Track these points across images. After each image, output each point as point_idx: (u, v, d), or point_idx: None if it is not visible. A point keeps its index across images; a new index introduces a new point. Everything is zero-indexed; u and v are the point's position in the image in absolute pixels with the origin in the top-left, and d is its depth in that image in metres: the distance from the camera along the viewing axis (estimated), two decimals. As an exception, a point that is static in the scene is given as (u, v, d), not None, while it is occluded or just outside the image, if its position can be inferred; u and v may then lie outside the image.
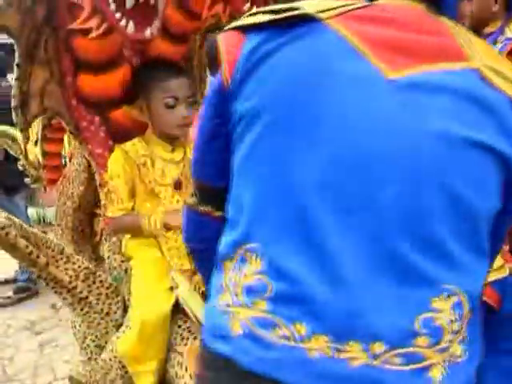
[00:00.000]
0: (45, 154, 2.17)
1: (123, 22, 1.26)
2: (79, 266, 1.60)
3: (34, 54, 1.49)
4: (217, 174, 0.81)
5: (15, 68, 1.46)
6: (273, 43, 0.69)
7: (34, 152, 2.27)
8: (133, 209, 1.54)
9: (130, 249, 1.56)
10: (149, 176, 1.52)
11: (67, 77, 1.58)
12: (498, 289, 1.44)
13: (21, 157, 2.34)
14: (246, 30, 0.72)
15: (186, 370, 1.27)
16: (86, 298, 1.58)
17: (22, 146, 2.25)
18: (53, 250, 1.57)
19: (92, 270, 1.64)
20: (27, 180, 2.50)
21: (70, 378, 2.02)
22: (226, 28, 0.76)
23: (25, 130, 1.54)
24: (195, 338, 1.30)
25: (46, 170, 2.21)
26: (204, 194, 0.86)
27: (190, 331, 1.34)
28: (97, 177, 1.72)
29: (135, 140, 1.58)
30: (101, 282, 1.63)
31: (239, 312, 0.69)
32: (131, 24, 1.27)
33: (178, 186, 1.56)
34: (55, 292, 1.61)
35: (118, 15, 1.25)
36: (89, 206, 2.08)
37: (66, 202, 2.05)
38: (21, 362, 2.83)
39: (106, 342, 1.64)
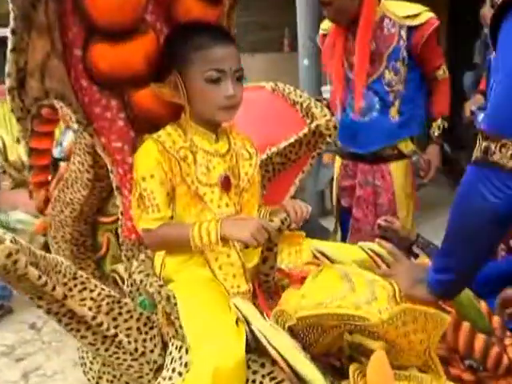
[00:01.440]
0: (31, 151, 1.75)
1: None
2: (99, 294, 1.24)
3: (33, 17, 1.11)
4: None
5: (10, 35, 1.07)
6: None
7: (17, 151, 1.85)
8: (171, 217, 1.18)
9: (170, 267, 1.20)
10: (191, 174, 1.17)
11: (75, 49, 1.21)
12: None
13: (-2, 157, 1.92)
14: None
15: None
16: (115, 336, 1.21)
17: (0, 144, 1.83)
18: (64, 276, 1.20)
19: (116, 298, 1.27)
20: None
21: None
22: None
23: (22, 118, 1.16)
24: (285, 389, 0.97)
25: (32, 172, 1.80)
26: None
27: (273, 378, 1.00)
28: (112, 178, 1.35)
29: (169, 128, 1.22)
30: (128, 312, 1.27)
31: None
32: None
33: (225, 185, 1.21)
34: (70, 330, 1.23)
35: None
36: (92, 214, 1.71)
37: (63, 210, 1.67)
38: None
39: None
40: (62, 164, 1.98)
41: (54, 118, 1.73)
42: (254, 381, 1.02)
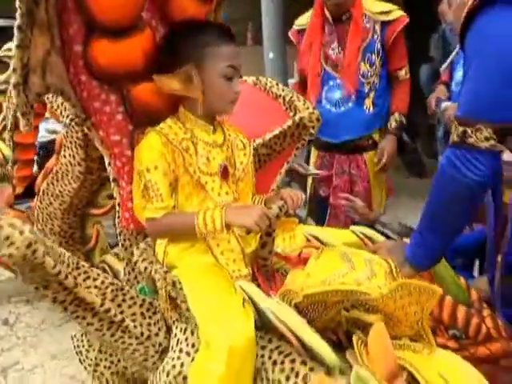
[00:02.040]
0: (16, 146, 1.76)
1: None
2: (102, 282, 1.28)
3: (35, 14, 1.14)
4: None
5: (16, 32, 1.09)
6: None
7: (-2, 146, 1.85)
8: (174, 207, 1.23)
9: (173, 255, 1.26)
10: (193, 164, 1.23)
11: (75, 45, 1.24)
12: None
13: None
14: None
15: (291, 402, 1.02)
16: (122, 321, 1.26)
17: (-20, 139, 1.83)
18: (68, 265, 1.24)
19: (118, 286, 1.32)
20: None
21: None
22: None
23: (26, 113, 1.18)
24: (293, 361, 1.05)
25: (16, 166, 1.80)
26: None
27: (281, 352, 1.08)
28: (110, 170, 1.39)
29: (169, 121, 1.27)
30: (132, 298, 1.32)
31: None
32: None
33: (224, 174, 1.27)
34: (76, 317, 1.27)
35: None
36: (81, 206, 1.74)
37: (52, 203, 1.69)
38: (-14, 394, 2.40)
39: (146, 368, 1.33)
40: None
41: (40, 113, 1.75)
42: (262, 355, 1.09)
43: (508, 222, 1.26)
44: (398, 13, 2.17)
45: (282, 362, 1.06)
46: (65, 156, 1.59)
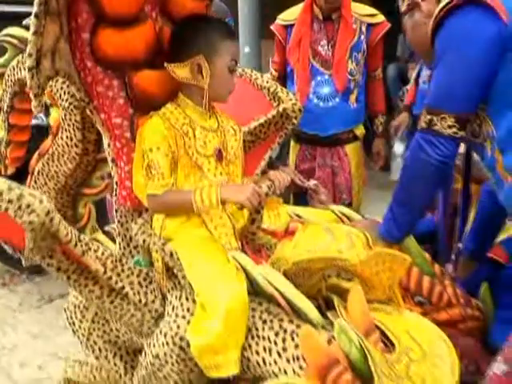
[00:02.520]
0: (11, 127, 1.83)
1: None
2: (102, 253, 1.39)
3: (49, 3, 1.23)
4: None
5: (33, 19, 1.19)
6: None
7: (-10, 127, 1.91)
8: (173, 184, 1.35)
9: (170, 229, 1.38)
10: (192, 147, 1.35)
11: (83, 33, 1.34)
12: (507, 247, 1.56)
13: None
14: None
15: (279, 355, 1.16)
16: (122, 288, 1.37)
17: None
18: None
19: (117, 257, 1.43)
20: None
21: (67, 381, 1.79)
22: None
23: (38, 95, 1.27)
24: (281, 320, 1.19)
25: (10, 147, 1.87)
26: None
27: (270, 313, 1.22)
28: (109, 151, 1.50)
29: (170, 107, 1.39)
30: (129, 269, 1.44)
31: None
32: None
33: (219, 156, 1.40)
34: (78, 285, 1.38)
35: None
36: (75, 186, 1.83)
37: (46, 183, 1.78)
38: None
39: (141, 334, 1.45)
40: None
41: (35, 96, 1.82)
42: (253, 316, 1.22)
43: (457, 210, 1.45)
44: (381, 17, 2.36)
45: (272, 321, 1.20)
46: (62, 138, 1.68)
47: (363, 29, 2.35)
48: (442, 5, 1.18)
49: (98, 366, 1.73)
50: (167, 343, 1.30)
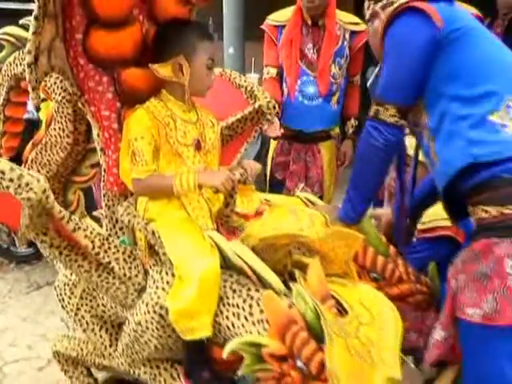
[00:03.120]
0: (6, 119, 1.98)
1: None
2: (91, 232, 1.54)
3: (47, 6, 1.38)
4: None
5: (32, 21, 1.34)
6: None
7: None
8: (155, 170, 1.51)
9: (153, 211, 1.53)
10: (173, 137, 1.51)
11: (76, 33, 1.49)
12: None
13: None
14: None
15: (247, 319, 1.32)
16: (109, 263, 1.52)
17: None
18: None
19: (104, 236, 1.58)
20: None
21: (56, 354, 1.93)
22: None
23: (35, 88, 1.42)
24: (249, 289, 1.35)
25: (4, 138, 2.02)
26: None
27: (239, 283, 1.38)
28: (98, 141, 1.65)
29: (153, 100, 1.54)
30: (115, 247, 1.58)
31: None
32: None
33: (198, 146, 1.56)
34: (69, 260, 1.53)
35: None
36: (65, 174, 1.97)
37: (39, 171, 1.92)
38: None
39: (126, 306, 1.60)
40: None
41: (28, 90, 1.96)
42: (225, 286, 1.38)
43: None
44: (363, 26, 2.54)
45: (240, 290, 1.36)
46: (55, 129, 1.82)
47: (346, 36, 2.55)
48: (387, 12, 1.36)
49: (85, 340, 1.88)
50: (148, 311, 1.46)
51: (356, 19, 2.62)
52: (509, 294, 1.15)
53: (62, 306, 1.85)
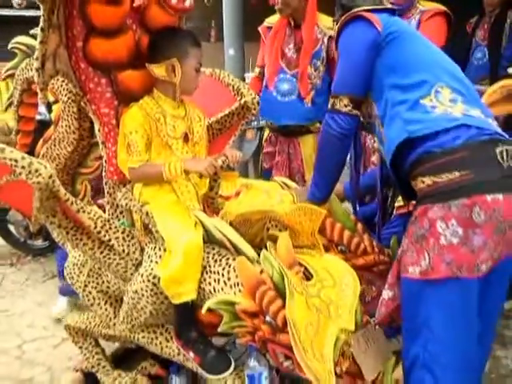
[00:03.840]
0: (20, 118, 2.22)
1: None
2: (94, 214, 1.76)
3: (51, 19, 1.61)
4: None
5: (39, 31, 1.57)
6: None
7: (3, 118, 2.31)
8: (147, 160, 1.73)
9: (146, 195, 1.75)
10: (163, 130, 1.72)
11: (77, 41, 1.71)
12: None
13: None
14: None
15: (225, 283, 1.53)
16: (109, 240, 1.75)
17: (-11, 114, 2.28)
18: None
19: (105, 218, 1.81)
20: None
21: (67, 327, 2.16)
22: None
23: (43, 89, 1.66)
24: (228, 259, 1.57)
25: (19, 135, 2.26)
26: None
27: (220, 254, 1.60)
28: (99, 135, 1.87)
29: (146, 99, 1.77)
30: (116, 227, 1.81)
31: None
32: None
33: (186, 138, 1.78)
34: (75, 239, 1.75)
35: None
36: (73, 167, 2.21)
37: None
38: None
39: (126, 279, 1.82)
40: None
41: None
42: (207, 257, 1.60)
43: None
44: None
45: (220, 260, 1.58)
46: (62, 126, 2.06)
47: (325, 39, 2.75)
48: (342, 19, 1.58)
49: (92, 315, 2.11)
50: (143, 281, 1.68)
51: (331, 24, 2.79)
52: (441, 251, 1.34)
53: (72, 284, 2.08)
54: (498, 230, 1.34)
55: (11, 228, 3.77)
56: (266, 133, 2.98)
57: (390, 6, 1.70)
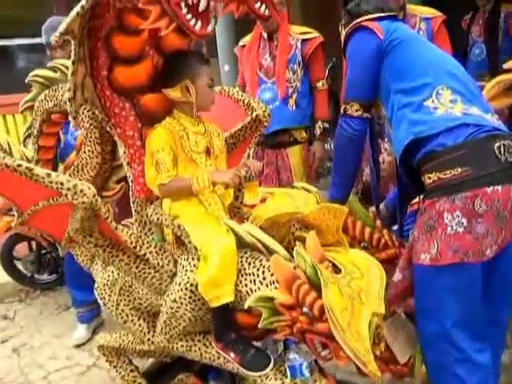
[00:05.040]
0: (39, 148, 2.50)
1: (192, 22, 1.74)
2: (126, 232, 2.04)
3: (79, 52, 1.91)
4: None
5: (71, 64, 1.86)
6: None
7: (21, 151, 2.59)
8: (176, 175, 2.01)
9: (176, 209, 2.03)
10: (187, 146, 2.01)
11: (102, 71, 2.00)
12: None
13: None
14: None
15: (261, 283, 1.80)
16: (144, 255, 2.02)
17: (7, 147, 2.57)
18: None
19: (138, 235, 2.08)
20: None
21: (100, 348, 2.41)
22: None
23: (75, 118, 1.94)
24: (261, 260, 1.84)
25: (39, 164, 2.54)
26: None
27: (253, 257, 1.87)
28: (124, 157, 2.15)
29: (168, 119, 2.05)
30: (148, 242, 2.08)
31: None
32: (199, 23, 1.76)
33: (208, 152, 2.07)
34: (111, 256, 2.01)
35: (188, 16, 1.73)
36: (96, 191, 2.47)
37: (73, 190, 2.42)
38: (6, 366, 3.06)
39: (161, 292, 2.08)
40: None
41: (59, 121, 2.50)
42: (241, 261, 1.86)
43: None
44: (314, 34, 3.21)
45: (254, 262, 1.85)
46: (85, 152, 2.34)
47: (298, 44, 3.22)
48: (346, 30, 1.89)
49: (125, 333, 2.37)
50: (181, 289, 1.94)
51: (306, 29, 3.30)
52: (447, 240, 1.63)
53: (104, 304, 2.34)
54: (498, 217, 1.63)
55: (18, 264, 4.01)
56: (252, 150, 3.30)
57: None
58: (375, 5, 1.94)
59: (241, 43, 3.52)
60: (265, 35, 3.25)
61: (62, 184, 1.75)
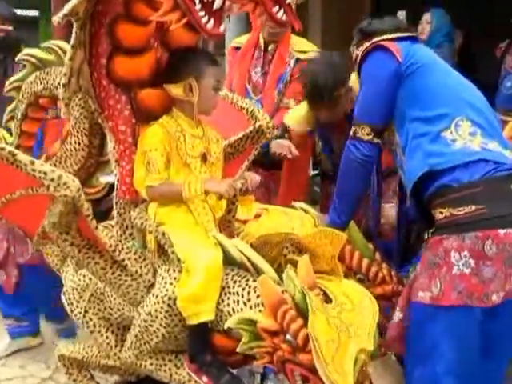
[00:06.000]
0: (21, 133, 2.58)
1: (205, 19, 1.84)
2: (106, 234, 2.12)
3: (80, 36, 2.00)
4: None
5: (70, 49, 1.95)
6: None
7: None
8: (167, 179, 2.09)
9: (162, 215, 2.10)
10: (182, 149, 2.10)
11: (101, 58, 2.09)
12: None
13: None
14: None
15: (245, 304, 1.87)
16: (123, 260, 2.09)
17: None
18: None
19: (118, 238, 2.16)
20: None
21: (61, 357, 2.47)
22: None
23: (67, 104, 2.03)
24: (248, 279, 1.92)
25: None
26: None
27: (239, 275, 1.94)
28: (114, 153, 2.23)
29: (166, 118, 2.14)
30: (128, 248, 2.15)
31: None
32: (211, 22, 1.86)
33: (204, 158, 2.15)
34: (87, 258, 2.09)
35: (201, 13, 1.82)
36: (78, 186, 2.56)
37: (52, 182, 2.50)
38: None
39: (135, 302, 2.15)
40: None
41: (46, 106, 2.59)
42: (226, 278, 1.94)
43: None
44: (310, 54, 3.20)
45: (240, 281, 1.92)
46: (70, 143, 2.42)
47: (292, 62, 3.23)
48: (361, 50, 1.99)
49: (90, 345, 2.43)
50: (157, 302, 2.01)
51: (305, 45, 3.31)
52: (452, 279, 1.72)
53: (71, 310, 2.40)
54: (508, 262, 1.72)
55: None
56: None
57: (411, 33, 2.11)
58: (390, 23, 2.05)
59: (233, 44, 3.51)
60: (261, 43, 3.27)
61: (45, 173, 1.82)
